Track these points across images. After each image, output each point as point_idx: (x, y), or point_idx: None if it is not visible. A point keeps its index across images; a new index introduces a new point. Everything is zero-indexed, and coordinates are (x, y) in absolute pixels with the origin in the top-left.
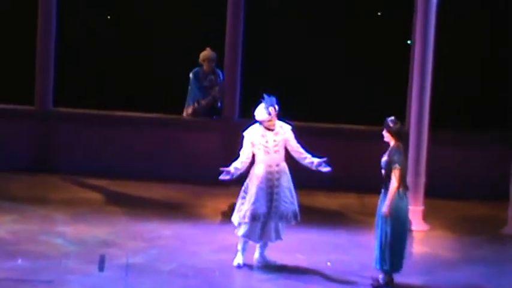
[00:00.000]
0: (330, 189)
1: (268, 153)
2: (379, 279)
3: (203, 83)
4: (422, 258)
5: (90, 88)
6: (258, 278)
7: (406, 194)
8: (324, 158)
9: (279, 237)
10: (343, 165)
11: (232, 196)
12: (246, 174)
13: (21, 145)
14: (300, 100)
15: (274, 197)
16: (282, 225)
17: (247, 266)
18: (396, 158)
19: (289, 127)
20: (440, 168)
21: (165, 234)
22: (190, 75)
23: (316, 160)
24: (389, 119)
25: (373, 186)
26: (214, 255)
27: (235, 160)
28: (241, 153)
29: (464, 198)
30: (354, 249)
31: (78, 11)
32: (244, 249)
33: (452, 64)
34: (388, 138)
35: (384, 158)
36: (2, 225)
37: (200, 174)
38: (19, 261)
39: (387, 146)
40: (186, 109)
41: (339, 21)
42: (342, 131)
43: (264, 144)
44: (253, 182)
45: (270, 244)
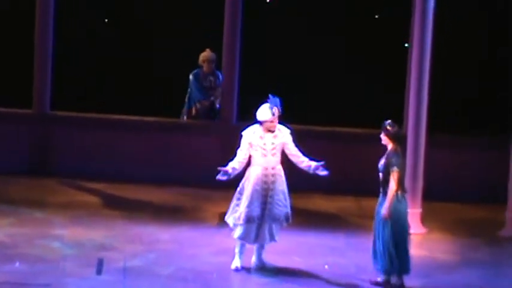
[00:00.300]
0: (327, 192)
1: (265, 155)
2: (378, 281)
3: (203, 84)
4: (420, 261)
5: (89, 90)
6: (255, 281)
7: (404, 196)
8: (322, 162)
9: (273, 239)
10: (341, 168)
11: (230, 199)
12: (242, 175)
13: (19, 148)
14: (299, 100)
15: (269, 199)
16: (275, 227)
17: (245, 269)
18: (394, 160)
19: (288, 130)
20: (438, 171)
21: (163, 237)
22: (190, 77)
23: (313, 164)
24: (387, 122)
25: (371, 189)
26: (213, 259)
27: (230, 159)
28: (239, 152)
29: (462, 200)
30: (352, 252)
31: (76, 13)
32: (241, 252)
33: (450, 66)
34: (385, 141)
35: (382, 161)
36: (0, 229)
37: (198, 178)
38: (17, 264)
39: (385, 149)
40: (186, 110)
41: (338, 21)
42: (339, 134)
43: (262, 146)
44: (249, 184)
45: (267, 247)
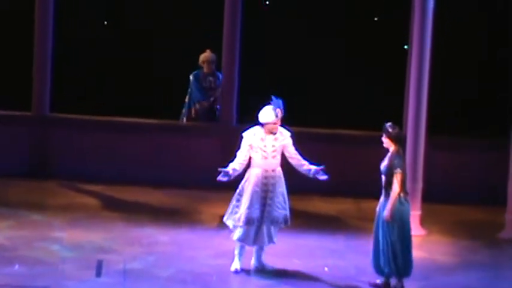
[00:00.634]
0: (326, 194)
1: (266, 158)
2: (377, 283)
3: (203, 85)
4: (420, 263)
5: (89, 91)
6: (255, 283)
7: (406, 199)
8: (322, 166)
9: (271, 240)
10: (340, 170)
11: (230, 201)
12: (241, 177)
13: (18, 150)
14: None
15: (268, 202)
16: (273, 229)
17: (244, 271)
18: (397, 162)
19: (288, 133)
20: (438, 172)
21: (163, 239)
22: (191, 77)
23: (313, 168)
24: (388, 125)
25: (370, 191)
26: (212, 261)
27: (230, 160)
28: (239, 154)
29: (462, 202)
30: (351, 254)
31: (75, 14)
32: (241, 254)
33: (450, 67)
34: (387, 144)
35: (384, 163)
36: None
37: (197, 180)
38: (16, 267)
39: (384, 151)
40: (186, 111)
41: (338, 23)
42: (338, 136)
43: (263, 148)
44: (249, 186)
45: (267, 249)
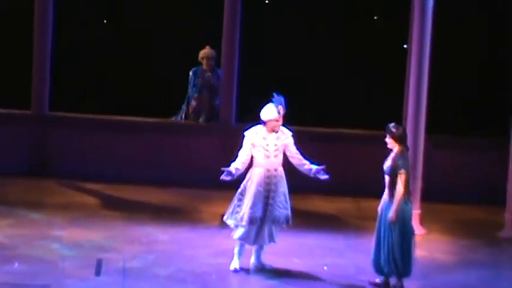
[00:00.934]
0: (326, 193)
1: (268, 157)
2: (377, 282)
3: (199, 80)
4: (419, 262)
5: (88, 91)
6: (254, 282)
7: (410, 199)
8: (323, 166)
9: (272, 240)
10: (340, 170)
11: (229, 200)
12: (242, 176)
13: (18, 149)
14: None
15: (270, 201)
16: (275, 229)
17: (244, 270)
18: (401, 163)
19: (290, 133)
20: (437, 172)
21: (162, 238)
22: (190, 73)
23: (314, 167)
24: (391, 125)
25: (370, 190)
26: (212, 260)
27: (233, 161)
28: (241, 153)
29: (461, 201)
30: (351, 253)
31: (75, 14)
32: (240, 253)
33: (450, 67)
34: (391, 144)
35: (387, 163)
36: None
37: (197, 179)
38: (16, 265)
39: (385, 150)
40: (185, 107)
41: (337, 23)
42: (338, 136)
43: (265, 147)
44: (252, 185)
45: (266, 248)
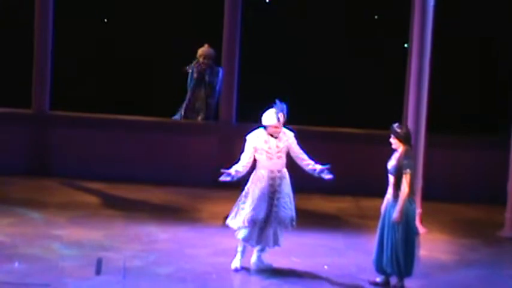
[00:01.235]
0: (326, 192)
1: (271, 158)
2: (377, 281)
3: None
4: (420, 261)
5: (89, 90)
6: (254, 282)
7: (414, 199)
8: (327, 165)
9: (277, 243)
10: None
11: (229, 200)
12: (244, 178)
13: (18, 148)
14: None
15: (275, 202)
16: (280, 231)
17: (244, 269)
18: (406, 163)
19: (291, 134)
20: (438, 171)
21: (163, 237)
22: (189, 70)
23: (318, 167)
24: (395, 125)
25: (369, 189)
26: (212, 259)
27: (235, 163)
28: (243, 156)
29: (462, 201)
30: (351, 252)
31: (76, 12)
32: (243, 253)
33: (450, 66)
34: (396, 144)
35: (392, 163)
36: None
37: (197, 178)
38: (16, 264)
39: (384, 149)
40: (186, 104)
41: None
42: (337, 135)
43: (267, 150)
44: (256, 187)
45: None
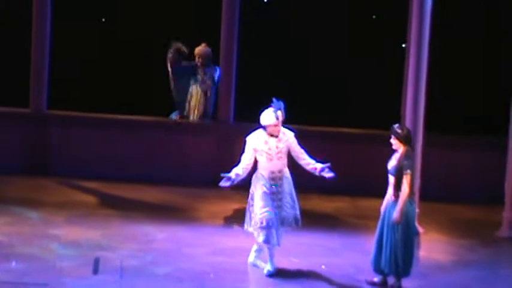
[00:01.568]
0: (323, 192)
1: (271, 160)
2: (374, 281)
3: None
4: (417, 262)
5: (86, 89)
6: (252, 281)
7: (413, 199)
8: (328, 164)
9: (277, 243)
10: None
11: (227, 199)
12: (246, 181)
13: (15, 147)
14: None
15: (278, 203)
16: (282, 231)
17: (241, 268)
18: (407, 164)
19: (291, 133)
20: (435, 171)
21: (160, 237)
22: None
23: (319, 166)
24: (396, 126)
25: (367, 189)
26: (209, 258)
27: (233, 163)
28: (243, 158)
29: (459, 201)
30: (348, 252)
31: (73, 11)
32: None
33: (449, 66)
34: (396, 145)
35: (392, 163)
36: None
37: (195, 177)
38: (13, 263)
39: (382, 149)
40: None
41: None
42: (335, 134)
43: (267, 151)
44: (258, 189)
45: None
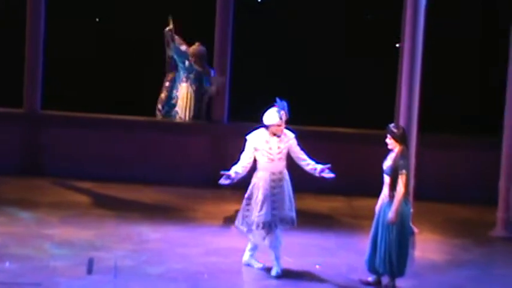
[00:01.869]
0: (318, 192)
1: (272, 160)
2: (369, 281)
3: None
4: (411, 261)
5: (81, 89)
6: (246, 280)
7: (408, 199)
8: (328, 165)
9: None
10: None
11: (221, 199)
12: (244, 179)
13: (10, 148)
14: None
15: (276, 204)
16: (279, 231)
17: (235, 268)
18: (402, 163)
19: (292, 134)
20: (429, 171)
21: (154, 237)
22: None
23: (319, 167)
24: (391, 125)
25: (362, 189)
26: (203, 258)
27: (229, 163)
28: (242, 157)
29: (453, 201)
30: (343, 252)
31: (68, 11)
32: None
33: (446, 65)
34: (392, 145)
35: (388, 163)
36: None
37: (189, 177)
38: (7, 264)
39: (377, 149)
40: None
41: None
42: (330, 134)
43: (268, 150)
44: (258, 190)
45: (260, 247)
